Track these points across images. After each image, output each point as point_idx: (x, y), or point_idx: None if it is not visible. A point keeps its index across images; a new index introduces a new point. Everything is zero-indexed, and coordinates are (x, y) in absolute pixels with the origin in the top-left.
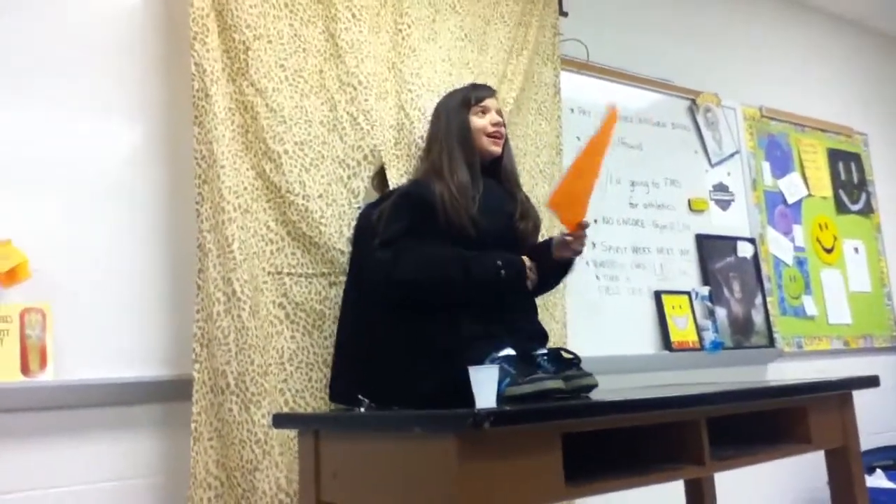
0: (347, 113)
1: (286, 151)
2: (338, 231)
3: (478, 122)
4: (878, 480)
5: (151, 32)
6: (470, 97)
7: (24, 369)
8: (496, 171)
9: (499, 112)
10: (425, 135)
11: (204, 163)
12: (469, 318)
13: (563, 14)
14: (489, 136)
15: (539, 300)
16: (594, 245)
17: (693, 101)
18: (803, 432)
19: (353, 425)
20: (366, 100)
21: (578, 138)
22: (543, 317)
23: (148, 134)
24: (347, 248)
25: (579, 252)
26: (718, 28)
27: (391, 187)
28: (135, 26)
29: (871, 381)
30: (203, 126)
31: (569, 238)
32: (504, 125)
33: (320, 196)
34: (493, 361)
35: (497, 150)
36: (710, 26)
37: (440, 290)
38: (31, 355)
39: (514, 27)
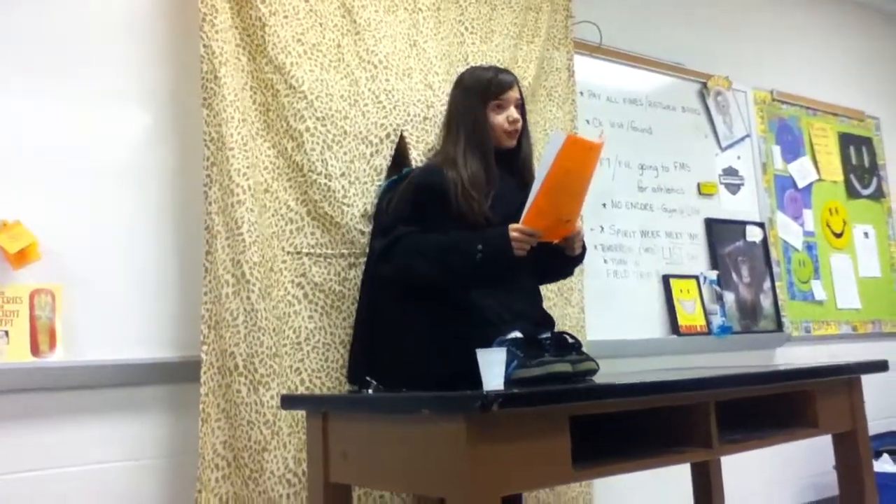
0: (369, 90)
1: (307, 129)
2: (360, 210)
3: (495, 118)
4: (885, 465)
5: (160, 16)
6: (490, 90)
7: (34, 350)
8: (512, 161)
9: (517, 103)
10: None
11: (213, 145)
12: (476, 301)
13: None
14: (505, 132)
15: (556, 285)
16: (602, 229)
17: (704, 84)
18: (811, 416)
19: (362, 407)
20: (387, 80)
21: (588, 122)
22: (559, 302)
23: (157, 116)
24: (368, 228)
25: (576, 251)
26: (730, 11)
27: (413, 165)
28: (144, 9)
29: (880, 366)
30: (212, 108)
31: (562, 245)
32: (523, 118)
33: (342, 174)
34: (500, 344)
35: (511, 144)
36: (721, 9)
37: (426, 281)
38: (40, 336)
39: (521, 12)
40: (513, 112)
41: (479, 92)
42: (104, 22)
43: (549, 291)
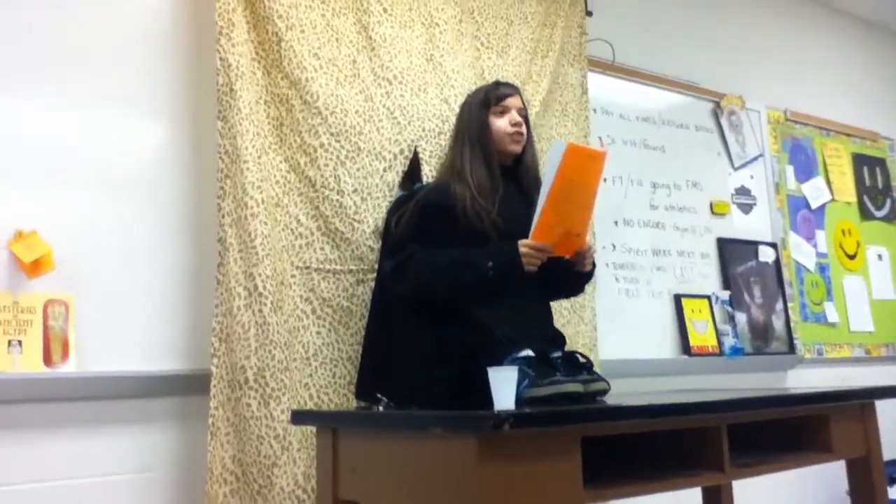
0: (384, 106)
1: (322, 145)
2: (371, 226)
3: (497, 123)
4: None
5: (178, 27)
6: (490, 97)
7: (47, 360)
8: (517, 171)
9: (520, 111)
10: None
11: (227, 158)
12: (487, 320)
13: (588, 14)
14: (510, 135)
15: (568, 303)
16: (614, 247)
17: (717, 103)
18: (825, 441)
19: (372, 424)
20: (402, 95)
21: (600, 139)
22: (573, 319)
23: (172, 128)
24: (377, 244)
25: (587, 267)
26: (744, 30)
27: (424, 181)
28: (161, 21)
29: (895, 392)
30: (227, 121)
31: (572, 260)
32: (525, 124)
33: (355, 190)
34: (511, 362)
35: (517, 148)
36: (735, 28)
37: (438, 298)
38: (53, 346)
39: (537, 28)
40: (515, 115)
41: (481, 101)
42: (123, 33)
43: (563, 308)
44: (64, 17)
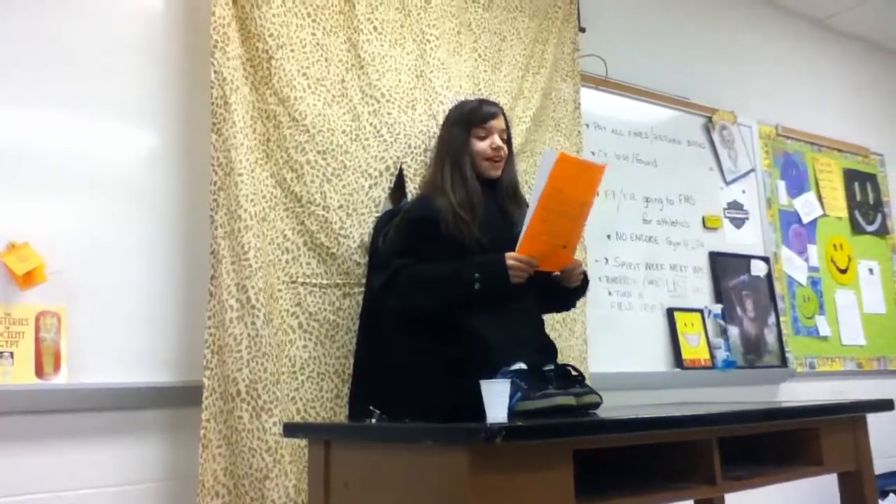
0: (371, 124)
1: (308, 161)
2: (357, 241)
3: (478, 145)
4: None
5: (173, 39)
6: (474, 118)
7: (39, 372)
8: (495, 190)
9: (503, 133)
10: None
11: (221, 170)
12: (479, 327)
13: (581, 30)
14: (488, 159)
15: (559, 316)
16: (607, 261)
17: (709, 118)
18: (816, 454)
19: (365, 436)
20: (389, 113)
21: (594, 153)
22: (563, 332)
23: (166, 140)
24: (364, 259)
25: (573, 283)
26: (736, 46)
27: (409, 197)
28: (156, 33)
29: (886, 405)
30: (221, 134)
31: (560, 276)
32: (507, 147)
33: (340, 206)
34: (504, 375)
35: (495, 173)
36: (727, 44)
37: (427, 312)
38: (45, 358)
39: (529, 44)
40: (496, 140)
41: (463, 121)
42: (116, 45)
43: (554, 322)
44: (58, 27)
